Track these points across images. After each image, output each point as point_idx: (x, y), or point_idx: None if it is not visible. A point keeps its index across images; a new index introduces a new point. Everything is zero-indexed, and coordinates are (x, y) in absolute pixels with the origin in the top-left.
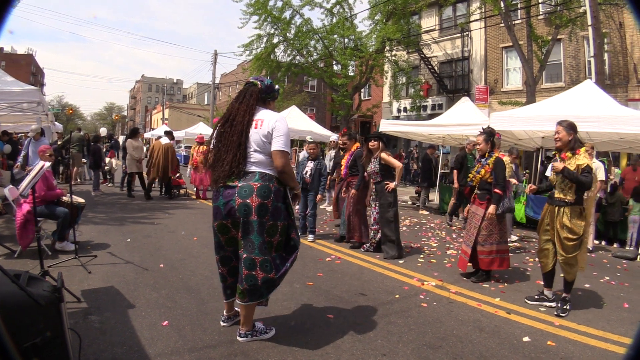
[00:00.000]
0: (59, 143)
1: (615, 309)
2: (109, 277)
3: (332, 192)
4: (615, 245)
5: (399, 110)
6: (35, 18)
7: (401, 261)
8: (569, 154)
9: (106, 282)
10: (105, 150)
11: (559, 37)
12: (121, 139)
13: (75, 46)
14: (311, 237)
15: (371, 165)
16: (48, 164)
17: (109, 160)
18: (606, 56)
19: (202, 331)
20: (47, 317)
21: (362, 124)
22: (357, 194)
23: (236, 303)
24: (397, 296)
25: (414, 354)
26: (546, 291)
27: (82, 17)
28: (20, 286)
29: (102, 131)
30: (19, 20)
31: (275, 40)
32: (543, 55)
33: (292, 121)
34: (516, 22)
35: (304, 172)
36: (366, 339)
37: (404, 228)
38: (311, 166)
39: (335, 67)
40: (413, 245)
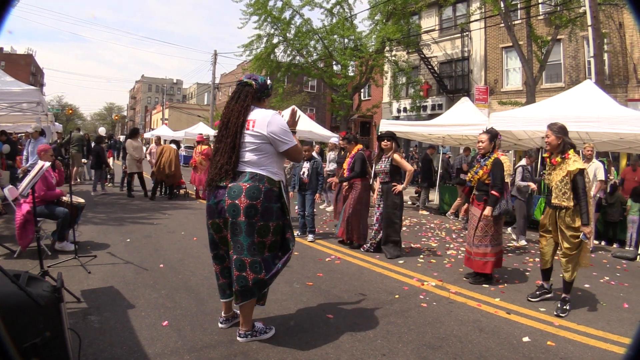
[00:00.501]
0: (58, 142)
1: (614, 309)
2: (108, 277)
3: (332, 192)
4: (614, 246)
5: (398, 111)
6: (35, 18)
7: (401, 261)
8: (558, 159)
9: (106, 282)
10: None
11: (558, 37)
12: (121, 139)
13: (75, 46)
14: (311, 237)
15: (381, 164)
16: (48, 163)
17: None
18: (606, 56)
19: (201, 331)
20: (46, 317)
21: (361, 124)
22: (357, 195)
23: (233, 304)
24: (396, 296)
25: (414, 354)
26: (544, 284)
27: (82, 17)
28: (19, 286)
29: (101, 131)
30: (18, 20)
31: (275, 41)
32: (543, 56)
33: None
34: (516, 22)
35: (301, 173)
36: (366, 339)
37: (403, 228)
38: (307, 166)
39: (335, 68)
40: (413, 246)
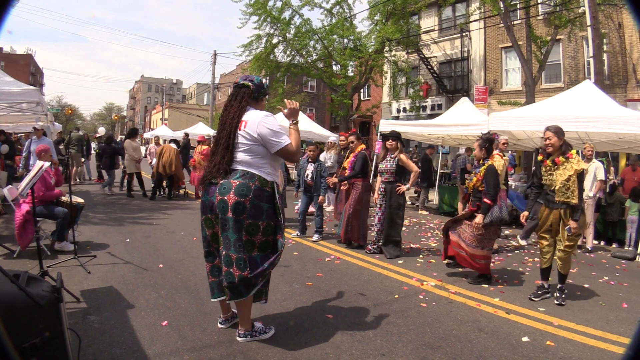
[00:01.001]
0: (64, 138)
1: (614, 309)
2: (108, 277)
3: (330, 192)
4: (614, 246)
5: (398, 111)
6: (35, 18)
7: (400, 261)
8: (561, 158)
9: (105, 282)
10: (98, 151)
11: (558, 37)
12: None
13: (75, 46)
14: (316, 236)
15: (386, 163)
16: (47, 163)
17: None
18: (605, 57)
19: (201, 331)
20: (46, 317)
21: (361, 124)
22: (358, 195)
23: (232, 304)
24: (396, 296)
25: (413, 354)
26: (544, 283)
27: (82, 17)
28: (19, 286)
29: (101, 130)
30: (18, 20)
31: (275, 41)
32: (542, 56)
33: None
34: (515, 22)
35: (305, 175)
36: (365, 338)
37: (403, 228)
38: (312, 168)
39: (334, 68)
40: (412, 246)
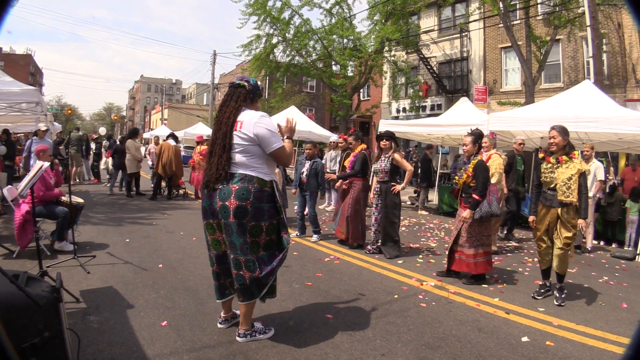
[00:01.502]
0: (64, 139)
1: (613, 309)
2: (107, 278)
3: (333, 192)
4: (613, 246)
5: (398, 111)
6: (34, 18)
7: (400, 261)
8: (565, 158)
9: (105, 282)
10: (95, 151)
11: (557, 37)
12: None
13: (74, 46)
14: (315, 237)
15: (380, 163)
16: (47, 164)
17: (105, 160)
18: (605, 57)
19: (201, 331)
20: (45, 318)
21: (361, 124)
22: (356, 195)
23: (234, 304)
24: (396, 296)
25: (413, 354)
26: (546, 282)
27: (81, 17)
28: (19, 286)
29: (101, 131)
30: (17, 20)
31: (275, 41)
32: (542, 56)
33: None
34: (515, 22)
35: (301, 173)
36: (365, 339)
37: (402, 228)
38: (307, 166)
39: (334, 68)
40: (412, 246)
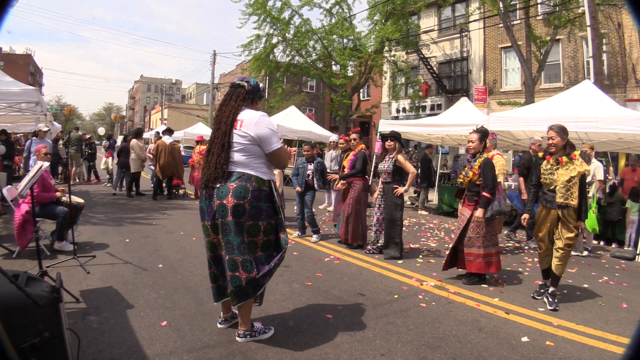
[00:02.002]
0: (64, 139)
1: (613, 309)
2: (107, 278)
3: (333, 192)
4: (613, 246)
5: (397, 111)
6: (34, 18)
7: (400, 261)
8: (565, 159)
9: (105, 282)
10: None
11: (557, 37)
12: (119, 139)
13: (74, 46)
14: (315, 237)
15: (384, 163)
16: (47, 164)
17: (105, 160)
18: (605, 57)
19: (201, 331)
20: (45, 318)
21: (361, 124)
22: (356, 195)
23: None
24: (396, 296)
25: (413, 354)
26: (546, 282)
27: (81, 17)
28: (18, 286)
29: (101, 131)
30: (17, 20)
31: (274, 41)
32: (542, 56)
33: (291, 121)
34: (515, 22)
35: (307, 176)
36: (365, 339)
37: (403, 228)
38: (311, 168)
39: (334, 68)
40: (412, 246)
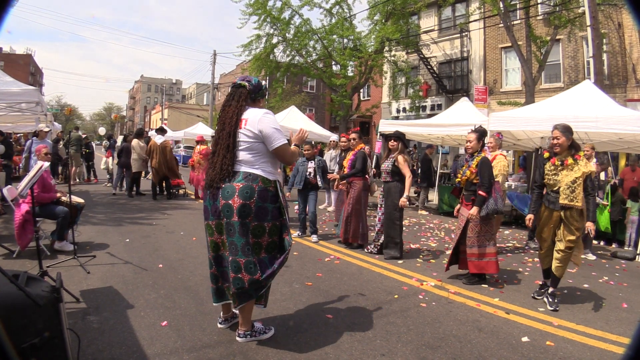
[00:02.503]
0: (64, 139)
1: (613, 309)
2: (107, 278)
3: (333, 192)
4: (613, 246)
5: (398, 111)
6: (34, 18)
7: (400, 261)
8: (570, 160)
9: (105, 282)
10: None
11: (557, 37)
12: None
13: (74, 46)
14: (315, 237)
15: (386, 163)
16: (47, 164)
17: (105, 160)
18: (605, 57)
19: (201, 331)
20: (45, 318)
21: (361, 124)
22: (356, 194)
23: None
24: (396, 296)
25: (413, 354)
26: (547, 282)
27: (81, 17)
28: (18, 286)
29: (101, 131)
30: (17, 20)
31: (275, 41)
32: (542, 56)
33: (291, 121)
34: (515, 22)
35: (308, 174)
36: (365, 339)
37: (403, 228)
38: (312, 165)
39: (334, 68)
40: (412, 246)
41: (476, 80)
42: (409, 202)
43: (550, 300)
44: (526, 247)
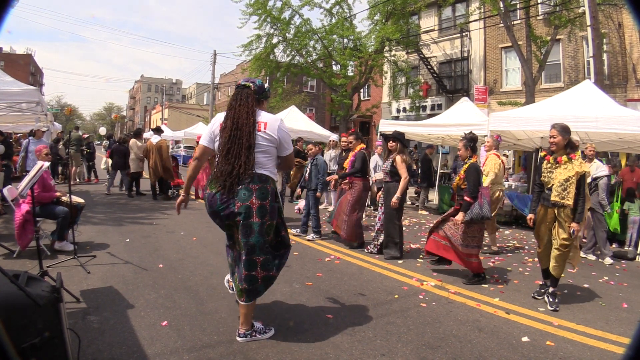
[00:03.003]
0: (64, 139)
1: (614, 309)
2: (108, 277)
3: (332, 192)
4: (614, 246)
5: (398, 111)
6: (34, 18)
7: (400, 261)
8: (564, 158)
9: (105, 282)
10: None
11: (558, 37)
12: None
13: (75, 46)
14: (312, 235)
15: (385, 163)
16: (47, 164)
17: (105, 160)
18: (605, 56)
19: (201, 331)
20: (45, 318)
21: (361, 124)
22: (357, 194)
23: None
24: (396, 296)
25: (413, 354)
26: (547, 282)
27: (81, 17)
28: (19, 286)
29: (102, 131)
30: (17, 20)
31: (275, 41)
32: (542, 56)
33: (292, 121)
34: (515, 22)
35: (305, 172)
36: (365, 339)
37: (403, 228)
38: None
39: (334, 68)
40: (412, 246)
41: (476, 80)
42: (409, 203)
43: (551, 300)
44: (526, 247)
